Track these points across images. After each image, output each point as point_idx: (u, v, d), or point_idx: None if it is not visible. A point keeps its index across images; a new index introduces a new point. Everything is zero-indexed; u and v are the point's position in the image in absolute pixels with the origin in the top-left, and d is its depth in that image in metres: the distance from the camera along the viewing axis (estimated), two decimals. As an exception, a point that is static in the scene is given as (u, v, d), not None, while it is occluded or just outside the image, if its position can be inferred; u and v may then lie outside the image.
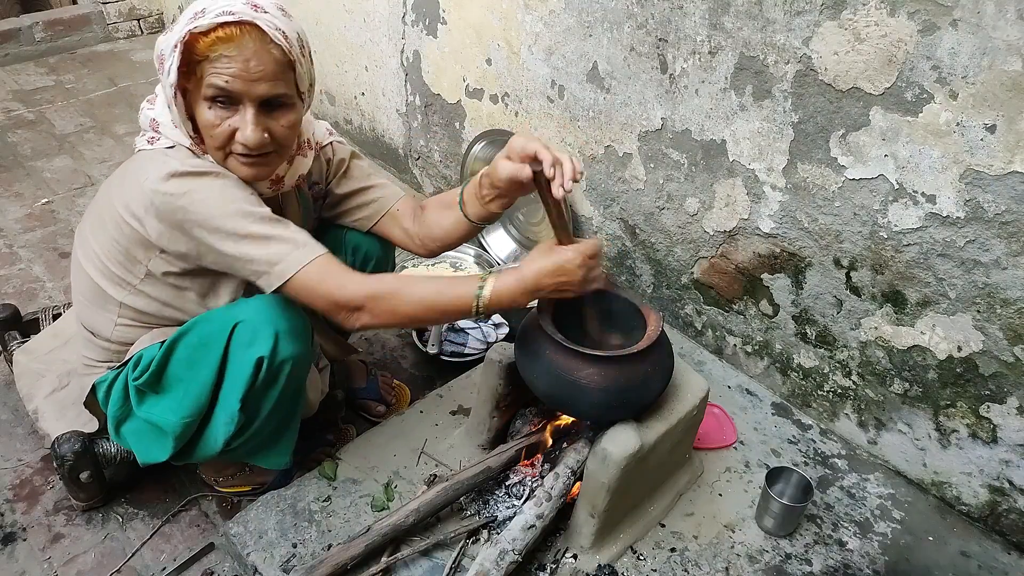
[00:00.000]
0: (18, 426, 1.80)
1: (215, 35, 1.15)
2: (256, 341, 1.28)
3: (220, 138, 1.23)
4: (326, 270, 1.26)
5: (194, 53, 1.17)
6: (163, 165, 1.22)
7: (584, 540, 1.43)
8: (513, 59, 2.20)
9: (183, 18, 1.19)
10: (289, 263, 1.24)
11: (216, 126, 1.22)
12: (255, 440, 1.41)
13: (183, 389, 1.34)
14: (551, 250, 1.27)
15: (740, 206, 1.79)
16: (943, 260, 1.48)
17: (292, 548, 1.43)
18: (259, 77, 1.19)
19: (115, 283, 1.35)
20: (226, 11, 1.16)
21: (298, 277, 1.24)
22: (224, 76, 1.17)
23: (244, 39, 1.17)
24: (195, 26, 1.15)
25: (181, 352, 1.33)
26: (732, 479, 1.66)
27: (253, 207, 1.25)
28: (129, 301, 1.37)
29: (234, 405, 1.32)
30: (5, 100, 3.34)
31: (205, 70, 1.18)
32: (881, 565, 1.51)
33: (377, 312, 1.27)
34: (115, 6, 3.96)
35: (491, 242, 2.49)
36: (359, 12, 2.74)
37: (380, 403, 1.87)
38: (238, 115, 1.21)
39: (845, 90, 1.49)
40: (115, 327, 1.40)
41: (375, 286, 1.27)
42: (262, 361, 1.28)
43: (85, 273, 1.38)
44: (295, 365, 1.33)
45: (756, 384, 1.95)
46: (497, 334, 2.05)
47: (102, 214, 1.33)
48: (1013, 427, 1.50)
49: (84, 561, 1.53)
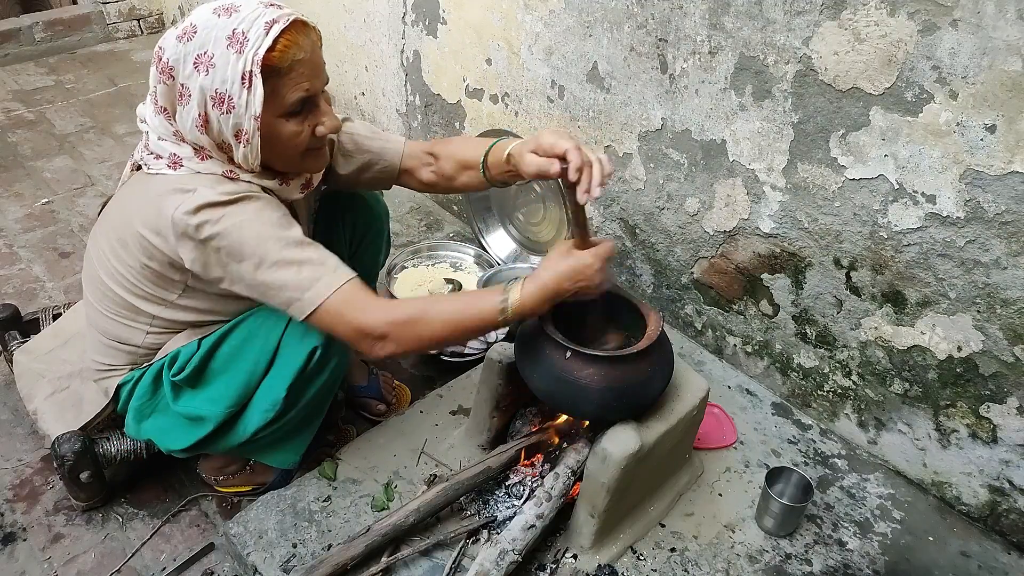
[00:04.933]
0: (18, 426, 1.80)
1: (280, 46, 1.13)
2: (311, 332, 1.31)
3: (305, 143, 1.22)
4: (353, 295, 1.24)
5: (270, 75, 1.14)
6: (193, 195, 1.18)
7: (584, 540, 1.43)
8: (513, 59, 2.20)
9: (230, 44, 1.12)
10: (320, 288, 1.21)
11: (300, 133, 1.21)
12: (279, 432, 1.43)
13: (226, 381, 1.36)
14: (569, 253, 1.27)
15: (740, 206, 1.79)
16: (943, 260, 1.48)
17: (292, 548, 1.43)
18: (320, 69, 1.19)
19: (149, 300, 1.34)
20: (278, 17, 1.13)
21: (329, 302, 1.22)
22: (304, 84, 1.16)
23: (301, 37, 1.15)
24: (261, 46, 1.11)
25: (226, 348, 1.36)
26: (732, 479, 1.66)
27: (286, 231, 1.23)
28: (166, 315, 1.36)
29: (280, 392, 1.34)
30: (5, 100, 3.34)
31: (283, 86, 1.15)
32: (881, 565, 1.51)
33: (402, 339, 1.25)
34: (115, 6, 3.97)
35: (491, 242, 2.49)
36: (359, 12, 2.74)
37: (380, 402, 1.87)
38: (312, 113, 1.22)
39: (845, 90, 1.49)
40: (147, 336, 1.39)
41: (398, 313, 1.25)
42: (315, 351, 1.33)
43: (110, 289, 1.35)
44: (339, 362, 1.39)
45: (756, 384, 1.95)
46: (497, 334, 2.05)
47: (123, 236, 1.29)
48: (1013, 427, 1.50)
49: (84, 561, 1.53)
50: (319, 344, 1.33)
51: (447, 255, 2.47)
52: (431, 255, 2.47)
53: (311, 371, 1.35)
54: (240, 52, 1.12)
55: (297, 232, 1.24)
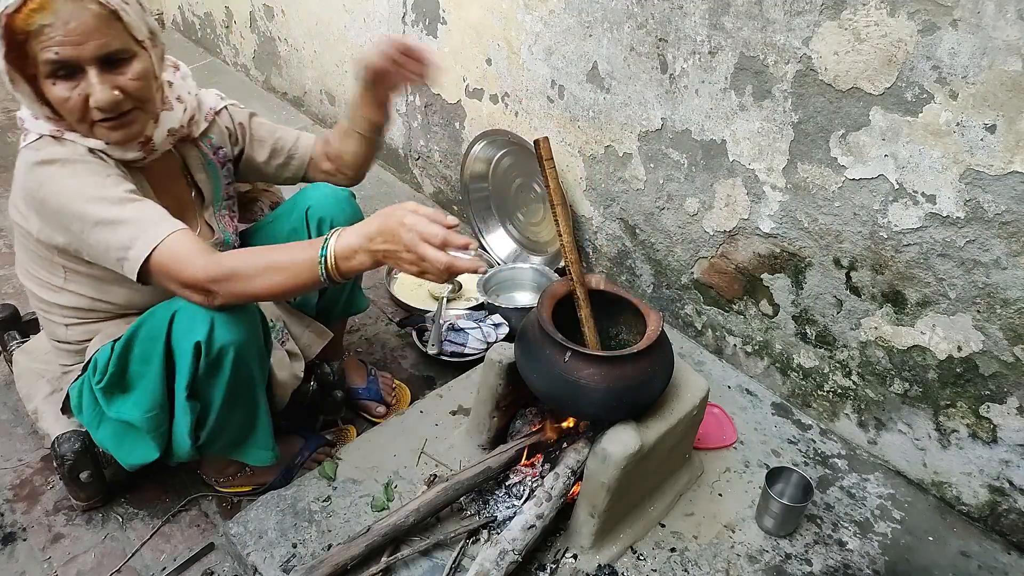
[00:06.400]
0: (18, 426, 1.80)
1: (27, 8, 1.12)
2: (193, 328, 1.25)
3: (76, 110, 1.21)
4: (177, 248, 1.21)
5: (16, 34, 1.14)
6: (26, 160, 1.24)
7: (584, 540, 1.43)
8: (513, 59, 2.20)
9: None
10: (141, 245, 1.20)
11: (67, 99, 1.19)
12: (224, 433, 1.39)
13: (143, 384, 1.33)
14: (385, 211, 1.15)
15: (740, 206, 1.79)
16: (943, 260, 1.48)
17: (292, 548, 1.43)
18: (84, 37, 1.15)
19: (45, 287, 1.37)
20: None
21: (153, 259, 1.20)
22: (52, 47, 1.14)
23: (55, 3, 1.13)
24: (4, 7, 1.12)
25: (136, 348, 1.32)
26: (732, 479, 1.66)
27: (107, 190, 1.22)
28: (62, 301, 1.38)
29: (182, 393, 1.31)
30: (5, 100, 3.33)
31: (35, 48, 1.15)
32: (881, 565, 1.51)
33: (227, 293, 1.22)
34: (115, 6, 3.96)
35: (491, 242, 2.49)
36: (359, 12, 2.74)
37: (380, 404, 1.87)
38: (84, 81, 1.19)
39: (845, 90, 1.49)
40: (67, 329, 1.41)
41: (214, 269, 1.20)
42: (200, 346, 1.25)
43: (29, 291, 1.41)
44: (238, 351, 1.29)
45: (756, 384, 1.95)
46: (497, 334, 2.05)
47: (13, 225, 1.34)
48: (1013, 427, 1.50)
49: (84, 561, 1.52)
50: (201, 339, 1.25)
51: (447, 255, 2.47)
52: (431, 255, 2.46)
53: (206, 369, 1.28)
54: None
55: (120, 191, 1.23)
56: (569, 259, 1.40)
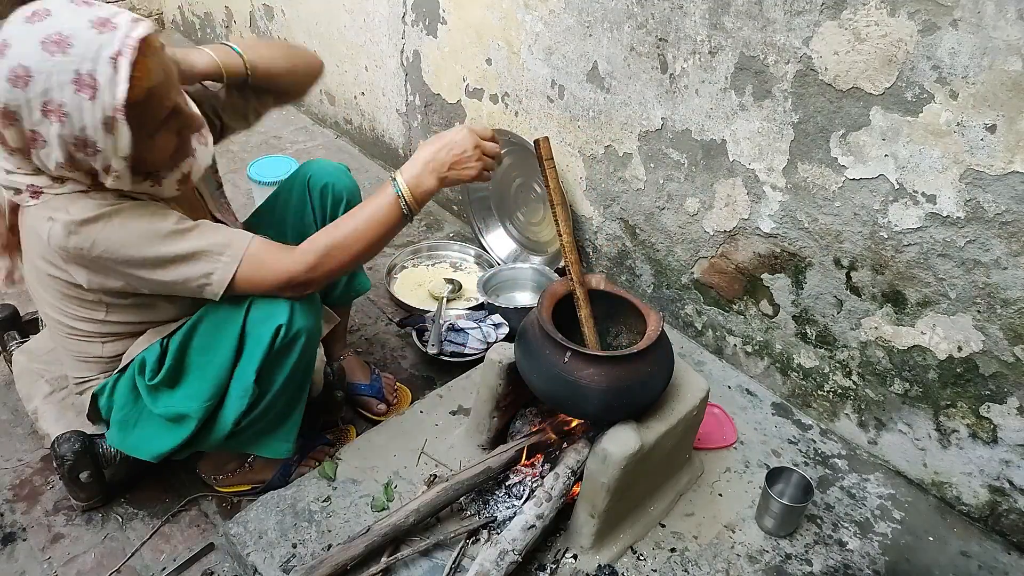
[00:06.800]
0: (18, 426, 1.80)
1: (136, 79, 1.08)
2: (272, 313, 1.31)
3: (174, 146, 1.23)
4: (260, 258, 1.27)
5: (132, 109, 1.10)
6: (63, 220, 1.17)
7: (584, 540, 1.43)
8: (513, 59, 2.20)
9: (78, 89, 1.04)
10: (223, 269, 1.25)
11: (171, 142, 1.21)
12: (263, 420, 1.42)
13: (200, 375, 1.36)
14: (439, 134, 1.35)
15: (740, 206, 1.79)
16: (943, 260, 1.48)
17: (292, 548, 1.43)
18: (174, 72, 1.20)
19: (81, 320, 1.36)
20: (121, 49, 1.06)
21: (238, 276, 1.26)
22: (167, 104, 1.16)
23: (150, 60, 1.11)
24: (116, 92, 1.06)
25: (195, 343, 1.35)
26: (732, 479, 1.66)
27: (160, 227, 1.21)
28: (103, 329, 1.37)
29: (250, 376, 1.33)
30: (5, 100, 3.33)
31: (145, 113, 1.12)
32: (881, 565, 1.51)
33: (326, 272, 1.31)
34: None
35: (491, 242, 2.49)
36: (359, 12, 2.74)
37: (381, 401, 1.86)
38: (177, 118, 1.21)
39: (845, 90, 1.49)
40: (103, 346, 1.41)
41: (310, 256, 1.29)
42: (280, 329, 1.31)
43: (54, 320, 1.38)
44: (308, 337, 1.36)
45: (756, 384, 1.95)
46: (497, 334, 2.05)
47: (33, 271, 1.32)
48: (1013, 427, 1.50)
49: (84, 561, 1.52)
50: (283, 322, 1.31)
51: (447, 255, 2.48)
52: (431, 255, 2.47)
53: (279, 350, 1.33)
54: (93, 99, 1.05)
55: (170, 224, 1.23)
56: (569, 259, 1.41)
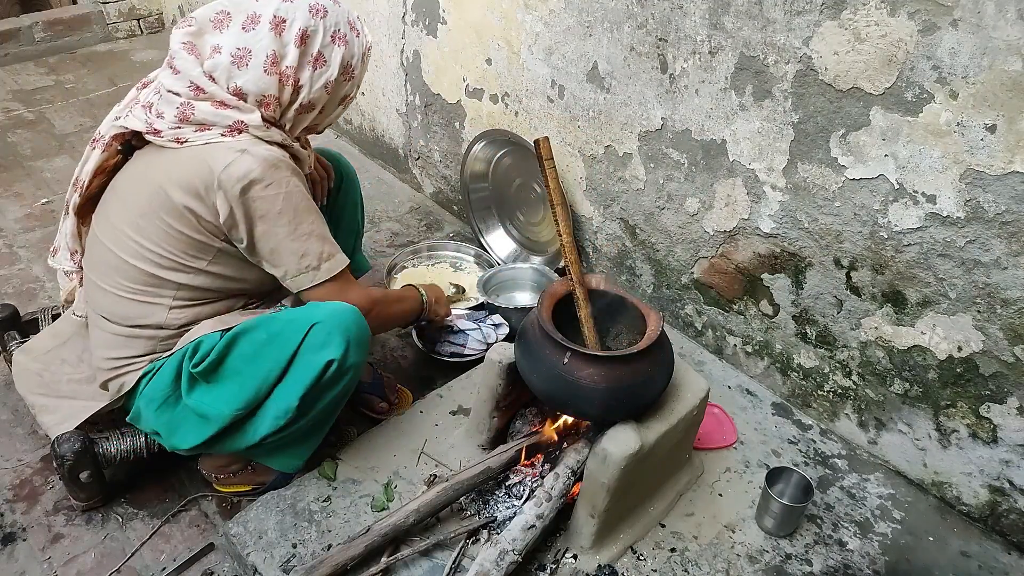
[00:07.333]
0: (18, 426, 1.80)
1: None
2: (329, 344, 1.35)
3: None
4: (347, 275, 1.45)
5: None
6: (246, 156, 1.29)
7: (584, 540, 1.43)
8: (513, 59, 2.20)
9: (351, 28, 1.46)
10: (334, 264, 1.41)
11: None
12: (287, 438, 1.44)
13: (239, 382, 1.37)
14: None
15: (740, 206, 1.79)
16: (943, 260, 1.48)
17: (292, 548, 1.43)
18: None
19: (177, 269, 1.38)
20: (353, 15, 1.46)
21: (335, 278, 1.40)
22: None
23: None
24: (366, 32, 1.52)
25: (245, 346, 1.37)
26: (732, 479, 1.66)
27: (312, 202, 1.39)
28: (192, 282, 1.40)
29: (292, 401, 1.36)
30: (5, 100, 3.34)
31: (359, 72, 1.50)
32: (881, 565, 1.51)
33: (375, 316, 1.48)
34: (115, 6, 3.96)
35: (491, 242, 2.49)
36: (359, 12, 2.73)
37: (382, 400, 1.86)
38: None
39: (845, 90, 1.49)
40: (170, 311, 1.41)
41: (369, 298, 1.48)
42: (331, 364, 1.35)
43: (131, 267, 1.37)
44: (355, 373, 1.42)
45: (756, 384, 1.95)
46: (497, 334, 2.05)
47: (148, 210, 1.34)
48: (1013, 427, 1.50)
49: (84, 561, 1.52)
50: (336, 358, 1.35)
51: (447, 255, 2.47)
52: (431, 255, 2.47)
53: (325, 382, 1.37)
54: (358, 36, 1.46)
55: (315, 203, 1.41)
56: (569, 259, 1.41)
